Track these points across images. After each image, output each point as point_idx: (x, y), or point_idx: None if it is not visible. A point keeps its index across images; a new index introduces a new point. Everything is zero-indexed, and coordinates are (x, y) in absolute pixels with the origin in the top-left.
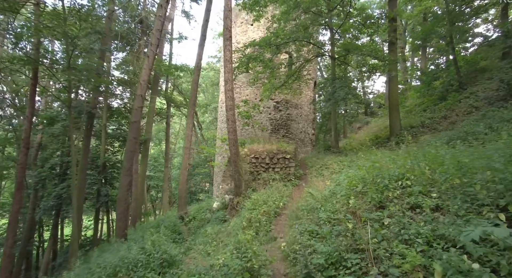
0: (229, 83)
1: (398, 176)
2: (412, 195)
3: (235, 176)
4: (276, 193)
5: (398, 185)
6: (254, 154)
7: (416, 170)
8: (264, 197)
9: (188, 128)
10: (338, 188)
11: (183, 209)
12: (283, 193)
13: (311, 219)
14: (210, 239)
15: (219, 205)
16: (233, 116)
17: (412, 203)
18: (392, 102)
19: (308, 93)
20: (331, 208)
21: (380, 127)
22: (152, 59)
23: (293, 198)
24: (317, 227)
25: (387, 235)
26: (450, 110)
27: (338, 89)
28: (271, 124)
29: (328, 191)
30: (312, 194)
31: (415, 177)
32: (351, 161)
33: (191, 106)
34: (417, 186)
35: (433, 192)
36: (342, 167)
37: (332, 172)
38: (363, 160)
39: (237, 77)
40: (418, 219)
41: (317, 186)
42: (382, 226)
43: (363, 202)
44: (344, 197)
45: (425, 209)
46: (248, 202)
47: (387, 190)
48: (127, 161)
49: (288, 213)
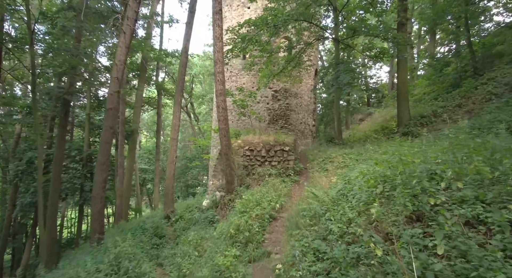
0: (219, 64)
1: (439, 174)
2: (464, 202)
3: (227, 171)
4: (272, 192)
5: (441, 187)
6: (249, 146)
7: (467, 166)
8: (257, 197)
9: (175, 117)
10: (349, 188)
11: (169, 207)
12: (280, 191)
13: (316, 230)
14: (191, 249)
15: (209, 203)
16: (224, 102)
17: (468, 216)
18: (400, 89)
19: (309, 82)
20: (342, 216)
21: (385, 117)
22: (129, 36)
23: (292, 197)
24: (324, 243)
25: (445, 273)
26: (465, 98)
27: (343, 73)
28: (269, 115)
29: (336, 192)
30: (316, 195)
31: (462, 175)
32: (358, 154)
33: (178, 92)
34: (470, 190)
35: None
36: (348, 160)
37: (338, 166)
38: (372, 153)
39: (232, 64)
40: (491, 246)
41: (321, 184)
42: (431, 254)
43: (389, 211)
44: (360, 202)
45: (493, 226)
46: (238, 203)
47: (425, 194)
48: (102, 155)
49: (286, 217)
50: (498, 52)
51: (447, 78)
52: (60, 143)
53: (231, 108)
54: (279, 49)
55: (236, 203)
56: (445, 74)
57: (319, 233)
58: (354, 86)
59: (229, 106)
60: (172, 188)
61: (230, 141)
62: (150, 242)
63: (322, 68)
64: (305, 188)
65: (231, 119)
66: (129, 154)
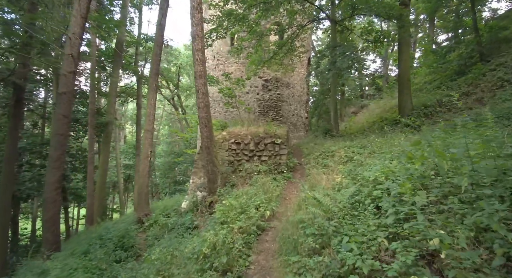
0: (198, 40)
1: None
2: None
3: (208, 168)
4: (261, 193)
5: None
6: (235, 139)
7: None
8: (242, 201)
9: (150, 105)
10: (367, 193)
11: (143, 209)
12: (272, 192)
13: (326, 263)
14: (153, 274)
15: (189, 204)
16: (205, 86)
17: None
18: (402, 76)
19: (301, 71)
20: (368, 240)
21: (384, 108)
22: (85, 4)
23: (286, 199)
24: None
25: None
26: (473, 86)
27: (341, 57)
28: (259, 106)
29: (347, 197)
30: (319, 200)
31: None
32: (362, 147)
33: (153, 76)
34: None
35: None
36: (351, 154)
37: (340, 161)
38: (379, 145)
39: (219, 51)
40: None
41: (321, 183)
42: None
43: (459, 240)
44: (395, 216)
45: None
46: (218, 209)
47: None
48: (54, 149)
49: (279, 227)
50: (505, 37)
51: (450, 65)
52: (12, 136)
53: (218, 100)
54: (269, 32)
55: (216, 209)
56: (449, 60)
57: (332, 268)
58: (354, 70)
59: (216, 97)
60: (147, 187)
61: (212, 132)
62: (110, 257)
63: (317, 52)
64: (303, 190)
65: (218, 111)
66: (103, 149)
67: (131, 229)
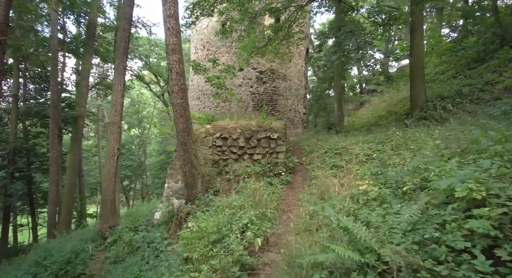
0: (169, 2)
1: None
2: None
3: (185, 169)
4: (251, 206)
5: None
6: (221, 133)
7: None
8: (223, 219)
9: (116, 92)
10: (454, 222)
11: (108, 220)
12: (266, 203)
13: None
14: None
15: (163, 215)
16: (180, 65)
17: None
18: (415, 64)
19: (299, 62)
20: None
21: (390, 102)
22: None
23: (286, 212)
24: None
25: None
26: (497, 74)
27: (348, 36)
28: (253, 100)
29: (406, 226)
30: (348, 230)
31: None
32: (380, 142)
33: (120, 57)
34: None
35: None
36: (368, 151)
37: (356, 160)
38: (403, 140)
39: (209, 40)
40: None
41: (331, 188)
42: None
43: None
44: None
45: None
46: (182, 237)
47: None
48: None
49: (275, 265)
50: None
51: (467, 53)
52: None
53: (208, 93)
54: (264, 11)
55: (181, 236)
56: (465, 47)
57: None
58: (365, 51)
59: (206, 90)
60: (113, 193)
61: (190, 124)
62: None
63: (319, 33)
64: (309, 200)
65: (208, 106)
66: (72, 147)
67: (83, 249)
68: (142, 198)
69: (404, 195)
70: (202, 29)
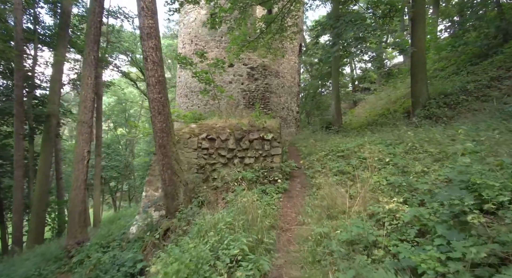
0: None
1: None
2: None
3: (165, 176)
4: (241, 227)
5: None
6: (208, 133)
7: None
8: (202, 253)
9: (85, 86)
10: None
11: (76, 235)
12: (261, 221)
13: None
14: None
15: (140, 229)
16: (156, 51)
17: None
18: (416, 59)
19: (292, 58)
20: None
21: (388, 99)
22: None
23: (285, 232)
24: None
25: None
26: (504, 69)
27: (349, 26)
28: (244, 97)
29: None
30: None
31: None
32: (390, 144)
33: (89, 45)
34: None
35: None
36: (378, 154)
37: (371, 166)
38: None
39: (198, 34)
40: None
41: (339, 201)
42: None
43: None
44: None
45: None
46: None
47: None
48: None
49: None
50: None
51: (468, 48)
52: None
53: (197, 90)
54: (256, 1)
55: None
56: (468, 42)
57: None
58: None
59: (194, 88)
60: (83, 203)
61: (170, 123)
62: None
63: (315, 24)
64: (315, 223)
65: (197, 104)
66: (43, 148)
67: (40, 274)
68: (129, 200)
69: (465, 227)
70: (190, 23)
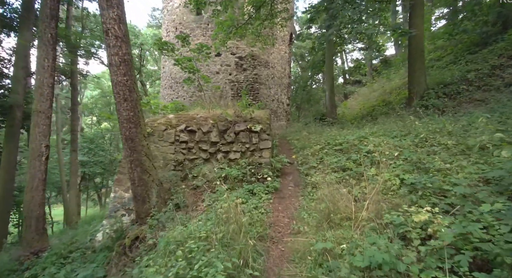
0: None
1: None
2: None
3: (133, 175)
4: (219, 245)
5: None
6: (187, 124)
7: None
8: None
9: (41, 68)
10: None
11: (32, 243)
12: (246, 232)
13: None
14: None
15: (107, 236)
16: (120, 24)
17: None
18: (414, 47)
19: (282, 48)
20: None
21: (383, 90)
22: None
23: (275, 243)
24: None
25: None
26: (506, 57)
27: (346, 7)
28: (232, 88)
29: None
30: None
31: None
32: (395, 136)
33: (45, 21)
34: None
35: None
36: (384, 148)
37: (377, 162)
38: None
39: (182, 21)
40: None
41: (342, 205)
42: None
43: None
44: None
45: None
46: None
47: None
48: None
49: None
50: None
51: (467, 36)
52: None
53: (181, 81)
54: None
55: None
56: (467, 29)
57: None
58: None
59: (179, 79)
60: (41, 207)
61: (139, 112)
62: None
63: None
64: (329, 248)
65: (182, 96)
66: (6, 142)
67: None
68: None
69: None
70: (174, 9)
